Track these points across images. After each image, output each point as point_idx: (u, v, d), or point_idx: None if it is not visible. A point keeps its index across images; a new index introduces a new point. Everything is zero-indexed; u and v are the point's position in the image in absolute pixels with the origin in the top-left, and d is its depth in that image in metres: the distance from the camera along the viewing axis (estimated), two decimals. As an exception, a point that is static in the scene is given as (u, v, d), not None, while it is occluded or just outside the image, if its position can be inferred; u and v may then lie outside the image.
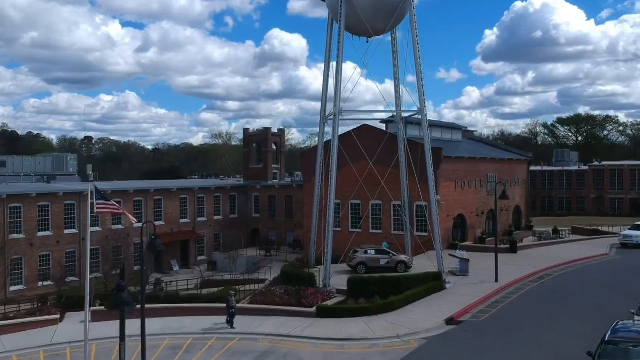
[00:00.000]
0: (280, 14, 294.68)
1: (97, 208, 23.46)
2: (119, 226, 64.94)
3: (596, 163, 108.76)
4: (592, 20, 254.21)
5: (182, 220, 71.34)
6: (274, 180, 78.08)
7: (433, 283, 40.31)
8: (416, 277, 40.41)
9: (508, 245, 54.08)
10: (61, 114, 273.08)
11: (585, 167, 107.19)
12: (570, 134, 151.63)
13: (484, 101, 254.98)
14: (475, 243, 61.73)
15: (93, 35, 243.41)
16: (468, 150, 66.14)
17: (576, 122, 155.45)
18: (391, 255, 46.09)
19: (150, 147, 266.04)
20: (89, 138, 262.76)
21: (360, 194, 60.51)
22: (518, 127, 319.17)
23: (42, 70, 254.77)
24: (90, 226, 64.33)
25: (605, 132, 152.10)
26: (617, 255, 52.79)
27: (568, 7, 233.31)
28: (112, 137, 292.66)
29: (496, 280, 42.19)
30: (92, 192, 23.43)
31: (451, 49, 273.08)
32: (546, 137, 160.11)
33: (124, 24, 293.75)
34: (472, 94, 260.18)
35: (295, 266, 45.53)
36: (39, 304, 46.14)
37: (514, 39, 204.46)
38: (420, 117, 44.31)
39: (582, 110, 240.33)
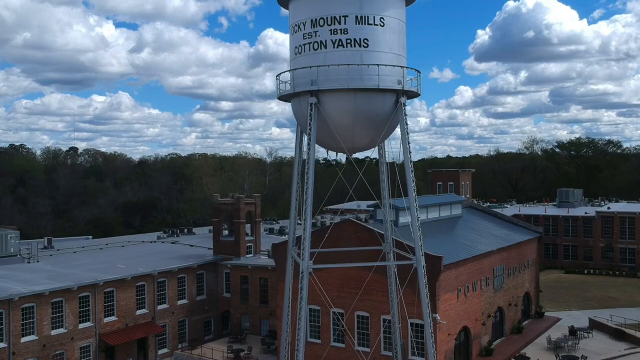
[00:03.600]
0: (275, 14, 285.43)
1: None
2: (61, 330, 53.59)
3: (605, 208, 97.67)
4: (585, 20, 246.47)
5: (138, 312, 59.85)
6: (248, 256, 66.65)
7: None
8: None
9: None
10: (53, 115, 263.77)
11: (593, 214, 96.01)
12: (571, 162, 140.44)
13: (476, 100, 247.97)
14: (481, 355, 50.84)
15: (86, 36, 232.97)
16: (471, 242, 54.66)
17: (577, 146, 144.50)
18: None
19: (136, 159, 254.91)
20: (74, 149, 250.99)
21: (344, 301, 49.43)
22: (511, 126, 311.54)
23: (34, 71, 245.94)
24: (23, 335, 53.77)
25: (608, 157, 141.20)
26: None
27: (560, 6, 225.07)
28: (98, 148, 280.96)
29: None
30: None
31: (444, 48, 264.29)
32: (543, 157, 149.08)
33: (118, 25, 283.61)
34: (465, 93, 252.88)
35: None
36: None
37: (507, 39, 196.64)
38: (414, 263, 32.78)
39: (575, 109, 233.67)
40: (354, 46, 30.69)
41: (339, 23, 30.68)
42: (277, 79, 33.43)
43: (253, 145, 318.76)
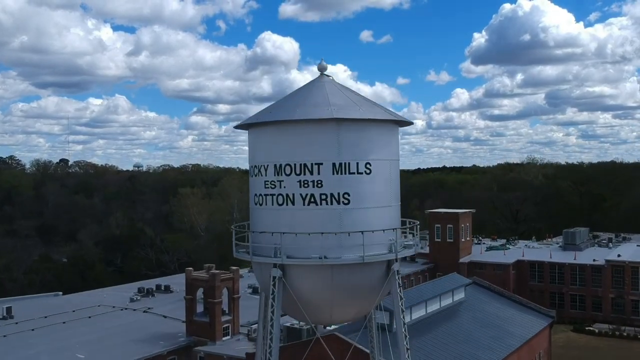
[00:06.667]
0: (272, 17, 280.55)
1: None
2: None
3: (615, 255, 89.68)
4: (581, 23, 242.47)
5: (99, 413, 51.96)
6: (225, 339, 58.59)
7: None
8: None
9: None
10: (50, 118, 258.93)
11: (602, 262, 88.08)
12: (574, 191, 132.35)
13: (473, 103, 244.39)
14: None
15: (84, 39, 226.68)
16: (476, 349, 46.61)
17: (580, 170, 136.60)
18: None
19: (130, 167, 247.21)
20: (64, 161, 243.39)
21: None
22: (508, 129, 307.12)
23: (31, 74, 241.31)
24: None
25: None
26: None
27: (556, 9, 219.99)
28: (94, 151, 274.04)
29: None
30: None
31: (441, 51, 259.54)
32: (544, 185, 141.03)
33: (115, 28, 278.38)
34: (462, 96, 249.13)
35: None
36: None
37: (503, 42, 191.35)
38: None
39: (571, 111, 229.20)
40: (331, 203, 22.55)
41: (311, 173, 22.54)
42: (232, 229, 25.28)
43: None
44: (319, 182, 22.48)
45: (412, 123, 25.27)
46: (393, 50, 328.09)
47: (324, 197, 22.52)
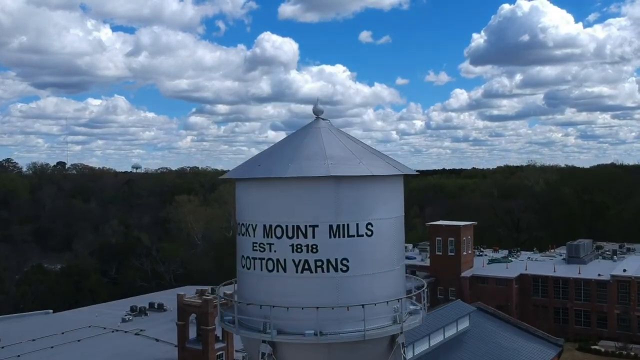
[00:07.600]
0: (272, 18, 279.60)
1: None
2: None
3: (621, 270, 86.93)
4: (580, 24, 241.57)
5: None
6: (219, 366, 55.85)
7: None
8: None
9: None
10: (48, 118, 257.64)
11: (608, 277, 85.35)
12: (575, 199, 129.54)
13: (472, 103, 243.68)
14: None
15: (83, 40, 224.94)
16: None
17: (581, 175, 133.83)
18: None
19: (126, 170, 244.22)
20: (62, 164, 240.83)
21: None
22: (507, 129, 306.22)
23: (30, 75, 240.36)
24: None
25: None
26: None
27: (556, 10, 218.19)
28: (94, 152, 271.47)
29: None
30: None
31: (440, 51, 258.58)
32: (545, 192, 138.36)
33: (115, 28, 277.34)
34: (461, 96, 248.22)
35: None
36: None
37: (502, 42, 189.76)
38: None
39: (570, 111, 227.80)
40: (328, 271, 19.76)
41: (305, 236, 19.75)
42: (217, 295, 22.48)
43: (249, 148, 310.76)
44: (314, 246, 19.70)
45: (418, 174, 22.46)
46: (392, 50, 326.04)
47: (319, 263, 19.73)
